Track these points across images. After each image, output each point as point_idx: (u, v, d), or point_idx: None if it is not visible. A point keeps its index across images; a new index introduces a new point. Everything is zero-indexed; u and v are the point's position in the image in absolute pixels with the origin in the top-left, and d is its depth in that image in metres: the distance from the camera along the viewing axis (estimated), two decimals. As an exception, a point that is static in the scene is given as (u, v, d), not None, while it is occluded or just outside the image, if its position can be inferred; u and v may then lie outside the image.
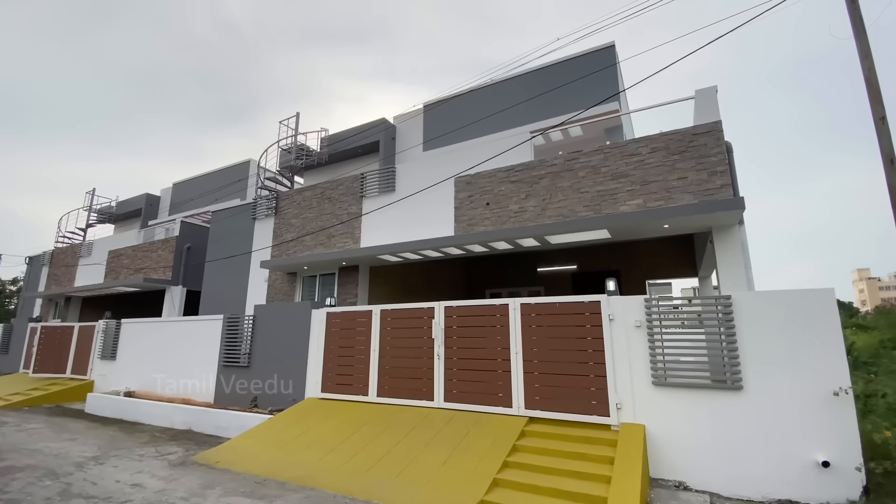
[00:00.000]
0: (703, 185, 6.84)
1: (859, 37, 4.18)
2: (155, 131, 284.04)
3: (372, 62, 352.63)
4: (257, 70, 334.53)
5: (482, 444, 5.87)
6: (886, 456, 4.71)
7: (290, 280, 11.23)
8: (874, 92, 4.03)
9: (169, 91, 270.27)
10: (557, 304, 6.65)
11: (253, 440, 7.12)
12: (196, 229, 14.69)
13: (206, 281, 12.99)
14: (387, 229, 9.83)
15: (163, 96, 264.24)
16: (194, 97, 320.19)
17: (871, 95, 4.05)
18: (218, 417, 8.61)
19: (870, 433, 4.90)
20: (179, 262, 13.90)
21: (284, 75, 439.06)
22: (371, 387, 7.95)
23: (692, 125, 7.17)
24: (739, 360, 5.40)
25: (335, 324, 8.75)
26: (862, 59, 4.14)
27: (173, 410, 9.34)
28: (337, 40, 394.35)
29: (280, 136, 15.01)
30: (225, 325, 10.25)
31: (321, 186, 11.26)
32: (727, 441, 5.31)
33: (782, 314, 5.33)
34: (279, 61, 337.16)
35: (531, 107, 11.55)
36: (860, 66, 4.14)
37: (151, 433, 8.56)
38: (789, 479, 4.99)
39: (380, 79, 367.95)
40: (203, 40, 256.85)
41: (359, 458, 6.00)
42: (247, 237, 12.45)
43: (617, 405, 5.91)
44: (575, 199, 7.78)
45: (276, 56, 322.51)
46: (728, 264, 6.61)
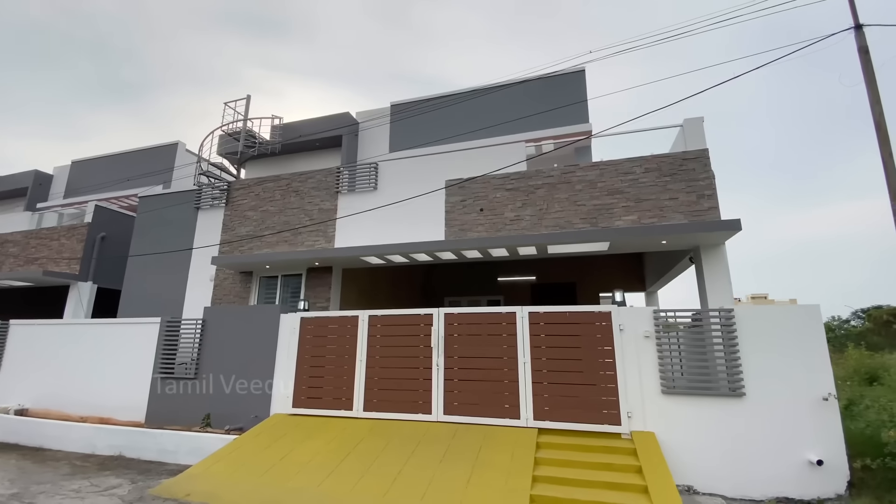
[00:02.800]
0: (693, 206, 7.39)
1: (870, 85, 4.91)
2: (26, 101, 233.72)
3: (292, 57, 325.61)
4: (160, 47, 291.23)
5: (501, 459, 5.61)
6: (866, 454, 5.36)
7: (244, 280, 9.97)
8: (883, 135, 4.73)
9: (49, 58, 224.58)
10: (567, 314, 6.67)
11: (223, 466, 6.07)
12: (114, 216, 12.47)
13: (128, 278, 11.02)
14: (366, 229, 9.18)
15: (40, 64, 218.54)
16: (79, 68, 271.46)
17: (881, 138, 4.74)
18: (162, 439, 7.24)
19: (860, 432, 5.55)
20: (90, 254, 11.65)
21: (191, 56, 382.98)
22: (357, 400, 7.26)
23: (682, 150, 7.73)
24: (741, 368, 5.83)
25: (311, 330, 7.89)
26: (872, 105, 4.86)
27: (95, 432, 7.67)
28: (255, 27, 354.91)
29: (224, 119, 13.51)
30: (163, 329, 8.75)
31: (286, 178, 10.23)
32: (730, 445, 5.68)
33: (776, 326, 5.87)
34: (186, 39, 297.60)
35: (508, 117, 11.69)
36: (871, 112, 4.85)
37: (69, 461, 6.93)
38: (786, 477, 5.45)
39: (301, 74, 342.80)
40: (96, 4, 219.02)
41: (368, 482, 5.38)
42: (186, 229, 10.84)
43: (628, 414, 6.04)
44: (572, 211, 7.95)
45: (182, 33, 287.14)
46: (715, 280, 7.17)
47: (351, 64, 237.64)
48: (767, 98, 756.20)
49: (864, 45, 5.02)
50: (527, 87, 12.05)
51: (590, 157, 11.55)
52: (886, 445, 5.00)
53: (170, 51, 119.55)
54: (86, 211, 12.42)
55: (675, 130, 8.67)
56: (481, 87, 12.72)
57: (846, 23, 5.60)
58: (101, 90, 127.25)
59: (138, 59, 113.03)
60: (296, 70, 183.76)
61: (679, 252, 8.67)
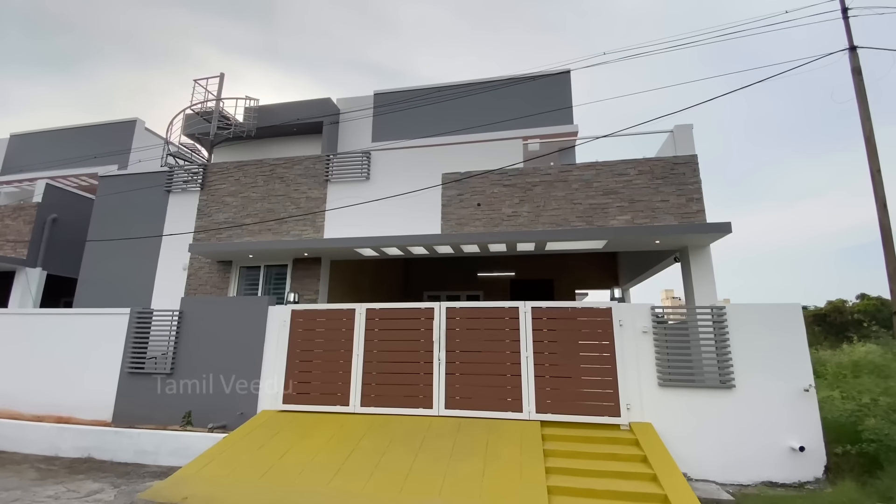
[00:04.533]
0: (682, 208, 7.77)
1: (861, 102, 5.38)
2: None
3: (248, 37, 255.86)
4: (98, 16, 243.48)
5: (511, 452, 5.66)
6: (840, 440, 5.89)
7: (222, 270, 9.40)
8: (872, 148, 5.21)
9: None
10: (570, 309, 6.82)
11: (216, 466, 5.71)
12: (67, 197, 11.34)
13: (86, 265, 10.06)
14: (357, 220, 8.93)
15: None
16: (11, 36, 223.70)
17: (870, 152, 5.22)
18: (139, 439, 6.71)
19: (833, 420, 6.08)
20: (40, 237, 10.54)
21: (135, 27, 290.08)
22: (353, 396, 7.07)
23: (672, 155, 8.09)
24: (732, 361, 6.22)
25: (302, 324, 7.59)
26: (863, 121, 5.34)
27: (58, 432, 6.99)
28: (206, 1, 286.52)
29: (194, 98, 12.66)
30: (133, 321, 8.11)
31: (270, 163, 9.74)
32: (721, 434, 6.05)
33: (762, 323, 6.31)
34: (126, 9, 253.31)
35: (494, 114, 11.74)
36: (861, 127, 5.33)
37: (33, 465, 6.28)
38: (770, 462, 5.88)
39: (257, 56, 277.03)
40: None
41: (379, 479, 5.26)
42: (155, 214, 10.05)
43: (627, 405, 6.28)
44: (568, 210, 8.12)
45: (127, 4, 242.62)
46: (701, 278, 7.59)
47: (309, 50, 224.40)
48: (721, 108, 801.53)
49: (858, 65, 5.51)
50: (514, 85, 12.16)
51: (573, 158, 11.86)
52: (863, 433, 5.50)
53: (109, 21, 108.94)
54: (32, 191, 11.22)
55: (657, 135, 9.10)
56: (468, 81, 12.71)
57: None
58: (33, 60, 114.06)
59: (75, 27, 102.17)
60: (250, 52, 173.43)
61: (657, 252, 9.09)
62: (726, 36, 7.45)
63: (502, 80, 12.40)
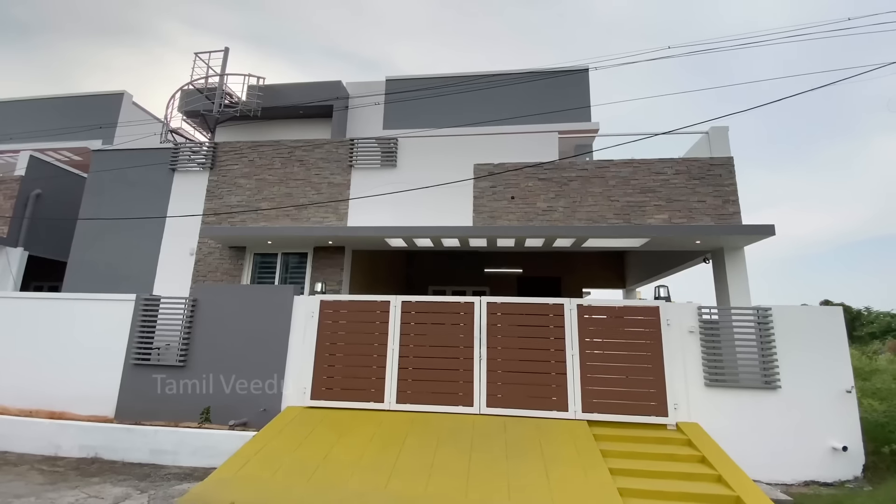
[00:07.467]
0: (719, 209, 7.80)
1: None
2: None
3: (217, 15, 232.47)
4: None
5: (567, 453, 5.49)
6: (876, 440, 6.03)
7: (234, 256, 8.79)
8: None
9: None
10: (617, 308, 6.71)
11: (255, 468, 5.26)
12: (52, 171, 10.35)
13: (77, 246, 9.19)
14: (383, 208, 8.53)
15: None
16: None
17: None
18: (156, 438, 6.14)
19: (873, 421, 6.23)
20: (22, 214, 9.56)
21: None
22: (388, 392, 6.73)
23: (709, 156, 8.10)
24: (777, 362, 6.26)
25: (330, 315, 7.17)
26: None
27: (59, 429, 6.31)
28: None
29: (194, 73, 11.85)
30: (140, 308, 7.46)
31: (288, 144, 9.17)
32: (766, 434, 6.08)
33: (805, 325, 6.38)
34: None
35: (508, 108, 11.52)
36: None
37: (33, 466, 5.64)
38: (813, 462, 5.96)
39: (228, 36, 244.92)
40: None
41: (439, 481, 4.97)
42: (158, 193, 9.30)
43: (674, 405, 6.23)
44: (605, 206, 8.02)
45: None
46: (736, 279, 7.64)
47: (281, 33, 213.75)
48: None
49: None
50: (533, 81, 11.97)
51: (591, 155, 11.80)
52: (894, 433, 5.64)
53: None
54: (14, 164, 10.18)
55: (679, 138, 9.13)
56: (482, 73, 12.42)
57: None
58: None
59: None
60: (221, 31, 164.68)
61: (679, 253, 9.11)
62: (740, 46, 7.48)
63: (520, 73, 12.17)
